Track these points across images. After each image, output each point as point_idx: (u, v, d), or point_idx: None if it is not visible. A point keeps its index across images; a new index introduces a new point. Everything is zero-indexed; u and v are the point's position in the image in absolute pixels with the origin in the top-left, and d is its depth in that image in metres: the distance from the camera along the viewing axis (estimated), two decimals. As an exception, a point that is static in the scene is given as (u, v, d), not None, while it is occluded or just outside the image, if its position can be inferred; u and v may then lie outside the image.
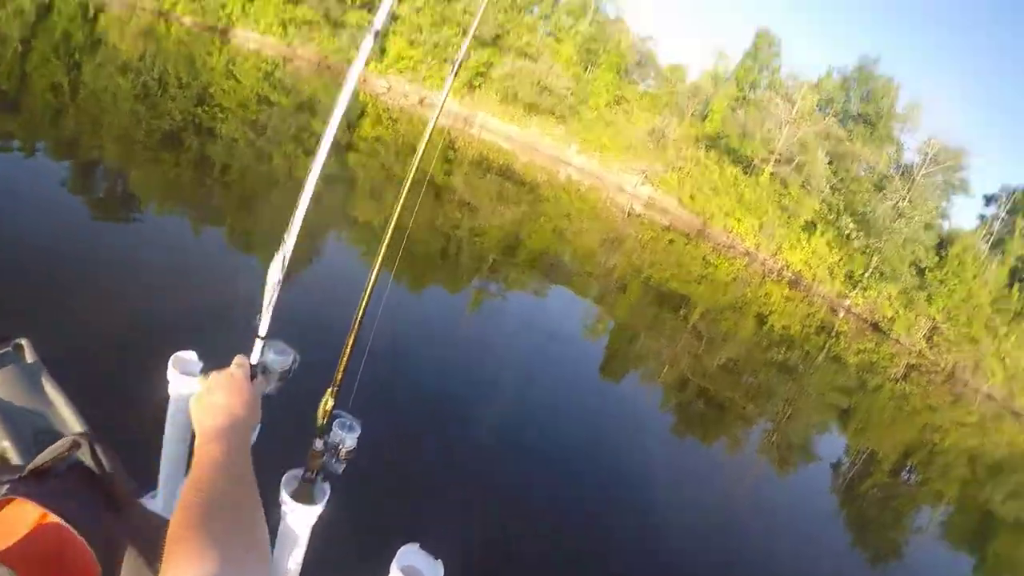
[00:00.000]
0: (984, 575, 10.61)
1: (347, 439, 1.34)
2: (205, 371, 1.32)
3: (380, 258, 1.30)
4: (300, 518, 1.35)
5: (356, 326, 1.29)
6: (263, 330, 1.27)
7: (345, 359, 1.32)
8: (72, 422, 2.89)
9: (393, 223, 1.29)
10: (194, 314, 6.08)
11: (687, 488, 8.01)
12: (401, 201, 1.35)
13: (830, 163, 38.76)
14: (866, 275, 37.04)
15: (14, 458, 1.60)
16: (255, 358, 1.26)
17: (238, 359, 1.22)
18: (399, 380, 6.93)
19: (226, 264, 8.67)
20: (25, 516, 1.07)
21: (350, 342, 1.30)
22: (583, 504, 6.48)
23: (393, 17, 38.39)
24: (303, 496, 1.33)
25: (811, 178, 37.04)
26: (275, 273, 1.24)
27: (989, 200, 46.43)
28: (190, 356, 1.44)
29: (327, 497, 1.36)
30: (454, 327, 10.12)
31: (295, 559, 1.44)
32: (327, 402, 1.32)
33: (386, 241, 1.30)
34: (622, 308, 15.40)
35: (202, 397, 1.14)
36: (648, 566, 5.96)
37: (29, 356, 3.22)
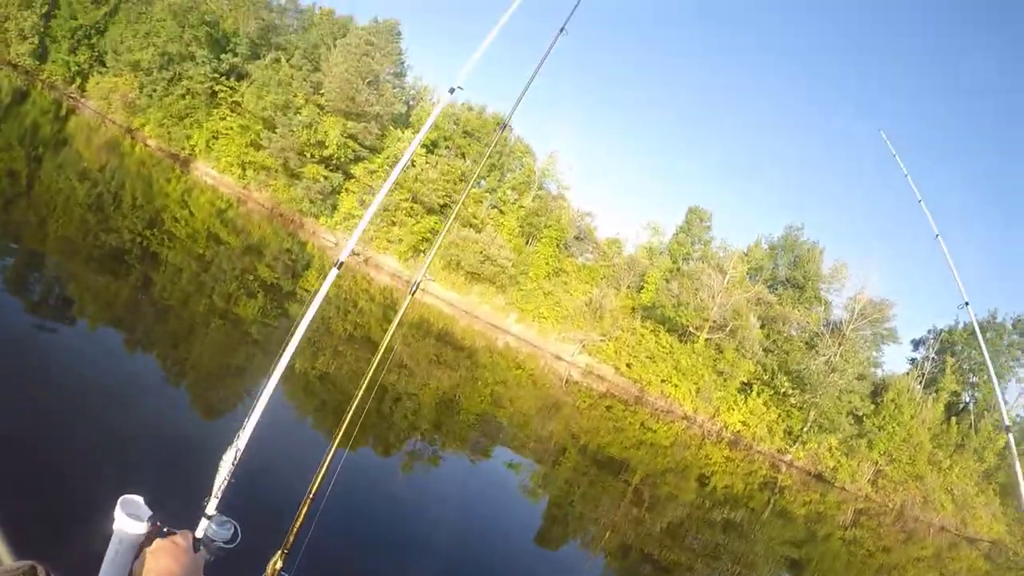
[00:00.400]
0: None
1: None
2: (152, 520, 1.37)
3: (338, 436, 1.44)
4: None
5: (309, 497, 1.39)
6: (211, 509, 1.36)
7: (298, 524, 1.41)
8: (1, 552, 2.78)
9: (354, 405, 1.45)
10: (129, 450, 6.02)
11: None
12: (362, 389, 1.50)
13: (762, 326, 40.30)
14: (805, 429, 37.73)
15: None
16: (200, 532, 1.34)
17: (183, 533, 1.32)
18: (335, 544, 6.75)
19: (163, 400, 8.57)
20: None
21: (303, 511, 1.40)
22: None
23: (348, 175, 40.13)
24: None
25: (745, 342, 38.25)
26: (227, 464, 1.33)
27: (917, 344, 49.17)
28: (137, 500, 1.46)
29: None
30: (389, 489, 9.92)
31: None
32: (276, 562, 1.39)
33: (344, 423, 1.45)
34: (561, 474, 15.25)
35: (147, 559, 1.22)
36: None
37: None
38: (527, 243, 44.63)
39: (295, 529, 1.45)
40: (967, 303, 4.77)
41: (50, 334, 8.56)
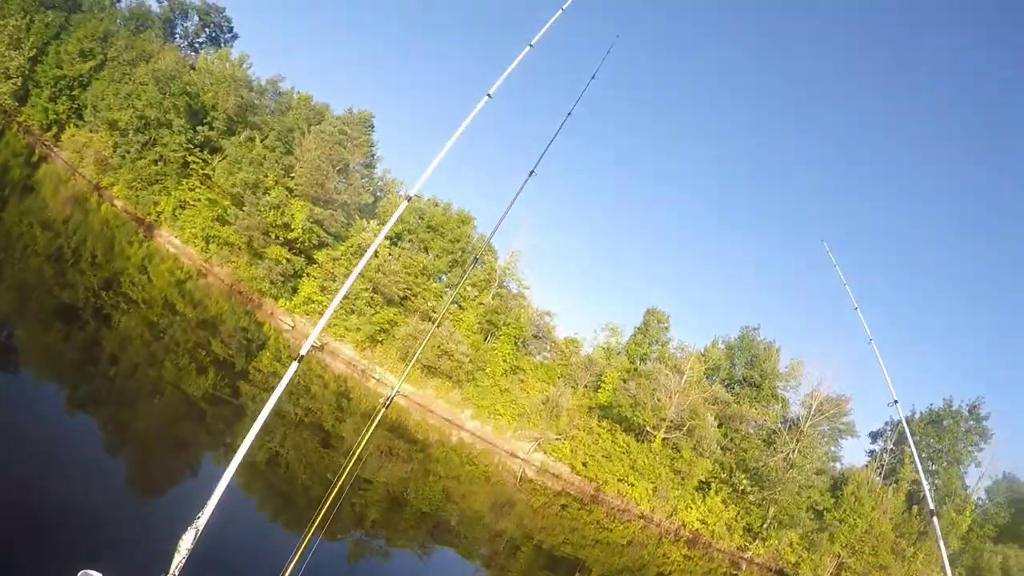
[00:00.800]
0: None
1: None
2: None
3: (313, 525, 1.49)
4: None
5: None
6: None
7: None
8: None
9: (321, 514, 1.48)
10: (75, 522, 5.76)
11: None
12: (338, 484, 1.55)
13: (719, 425, 40.23)
14: (765, 525, 37.15)
15: None
16: None
17: None
18: None
19: (110, 470, 8.29)
20: None
21: None
22: None
23: (310, 260, 39.94)
24: None
25: (702, 441, 38.00)
26: (186, 544, 1.39)
27: (876, 436, 49.56)
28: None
29: None
30: None
31: None
32: None
33: (321, 512, 1.46)
34: (513, 573, 14.72)
35: None
36: None
37: None
38: (485, 339, 44.28)
39: None
40: (896, 401, 5.11)
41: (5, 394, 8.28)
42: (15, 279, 12.65)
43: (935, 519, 4.49)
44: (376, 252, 40.08)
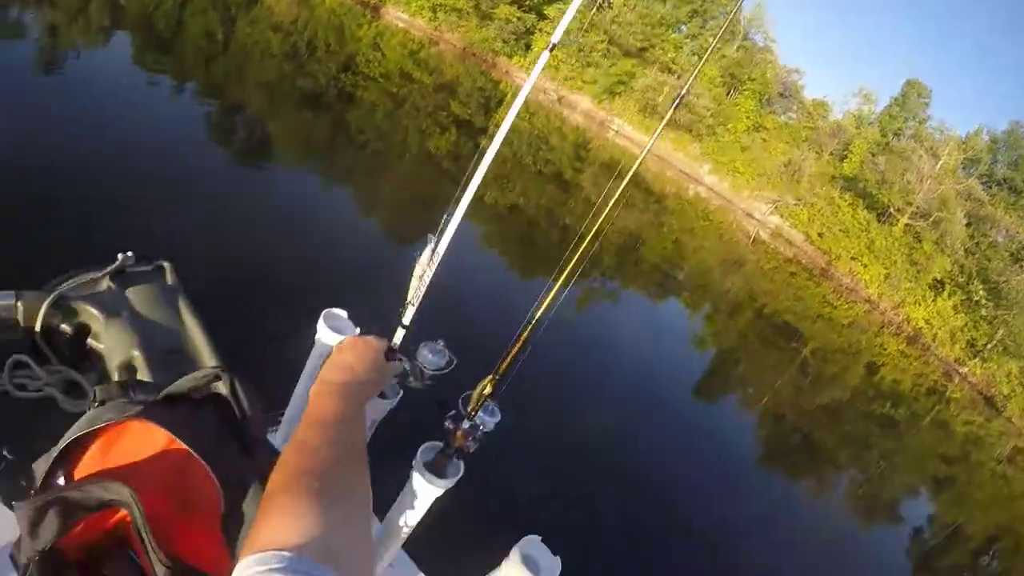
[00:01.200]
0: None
1: (488, 422, 1.34)
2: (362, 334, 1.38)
3: (572, 265, 1.34)
4: (428, 490, 1.34)
5: (531, 324, 1.32)
6: (406, 319, 1.31)
7: (514, 352, 1.32)
8: (203, 348, 3.01)
9: (586, 241, 1.39)
10: (331, 273, 6.40)
11: (766, 516, 8.08)
12: (592, 231, 1.41)
13: (968, 224, 36.82)
14: (988, 346, 35.05)
15: (141, 370, 1.60)
16: (396, 341, 1.33)
17: (378, 338, 1.25)
18: (531, 376, 7.26)
19: (360, 228, 9.15)
20: (152, 439, 1.07)
21: (523, 336, 1.32)
22: (679, 514, 6.77)
23: (541, 16, 39.07)
24: (437, 469, 1.33)
25: (946, 236, 35.25)
26: (423, 266, 1.26)
27: None
28: (341, 314, 1.46)
29: (459, 475, 1.36)
30: (565, 321, 10.41)
31: (408, 525, 1.44)
32: (485, 387, 1.32)
33: (573, 260, 1.36)
34: (733, 329, 15.36)
35: (336, 351, 1.16)
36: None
37: (170, 278, 3.40)
38: (727, 95, 42.04)
39: (510, 356, 1.32)
40: None
41: (256, 172, 9.10)
42: (258, 80, 13.04)
43: None
44: (610, 3, 37.87)
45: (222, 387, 1.17)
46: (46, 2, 9.73)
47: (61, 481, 1.05)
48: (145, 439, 1.08)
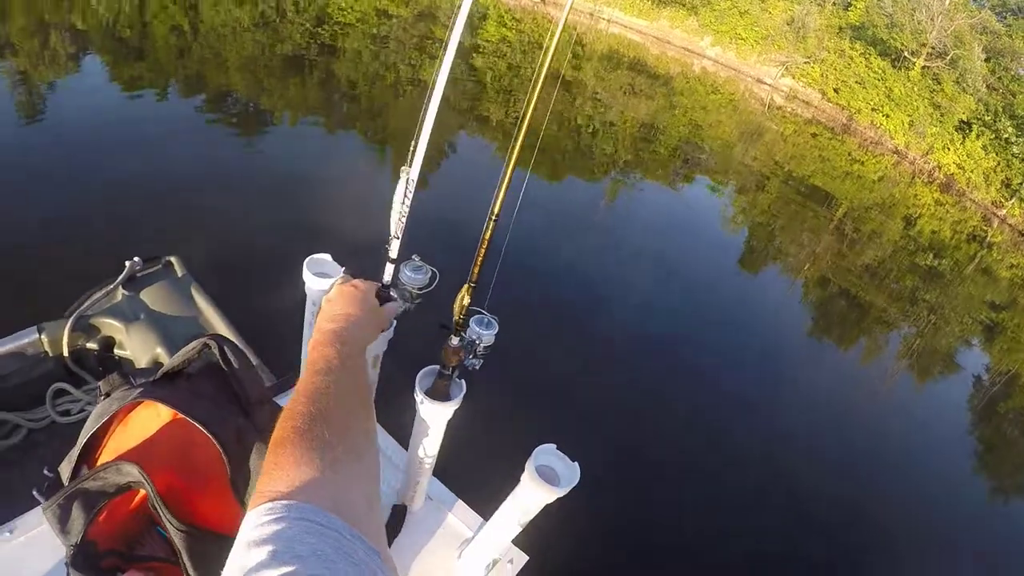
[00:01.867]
0: None
1: (484, 335, 1.29)
2: (346, 274, 1.32)
3: (515, 153, 1.23)
4: (435, 414, 1.35)
5: (491, 222, 1.23)
6: (393, 253, 1.27)
7: (481, 256, 1.26)
8: (220, 326, 3.14)
9: (526, 122, 1.24)
10: (328, 222, 6.26)
11: (820, 389, 7.90)
12: (534, 101, 1.30)
13: (987, 60, 35.46)
14: (1026, 183, 34.24)
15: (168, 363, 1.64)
16: (387, 278, 1.28)
17: (367, 281, 1.21)
18: (534, 277, 7.05)
19: (365, 174, 8.95)
20: (156, 417, 1.12)
21: (486, 237, 1.24)
22: (717, 405, 6.51)
23: None
24: (439, 393, 1.33)
25: (966, 75, 34.03)
26: (399, 197, 1.22)
27: None
28: (324, 258, 1.42)
29: (463, 393, 1.35)
30: (589, 221, 10.19)
31: (430, 454, 1.46)
32: (463, 298, 1.27)
33: (520, 139, 1.23)
34: (763, 202, 14.88)
35: (326, 302, 1.11)
36: (777, 462, 5.97)
37: (179, 270, 3.40)
38: (715, -44, 40.05)
39: (479, 260, 1.25)
40: None
41: (259, 144, 8.89)
42: (237, 59, 12.55)
43: None
44: None
45: (214, 355, 1.23)
46: (7, 51, 9.35)
47: (87, 479, 1.11)
48: (151, 418, 1.13)
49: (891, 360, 10.27)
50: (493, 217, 1.21)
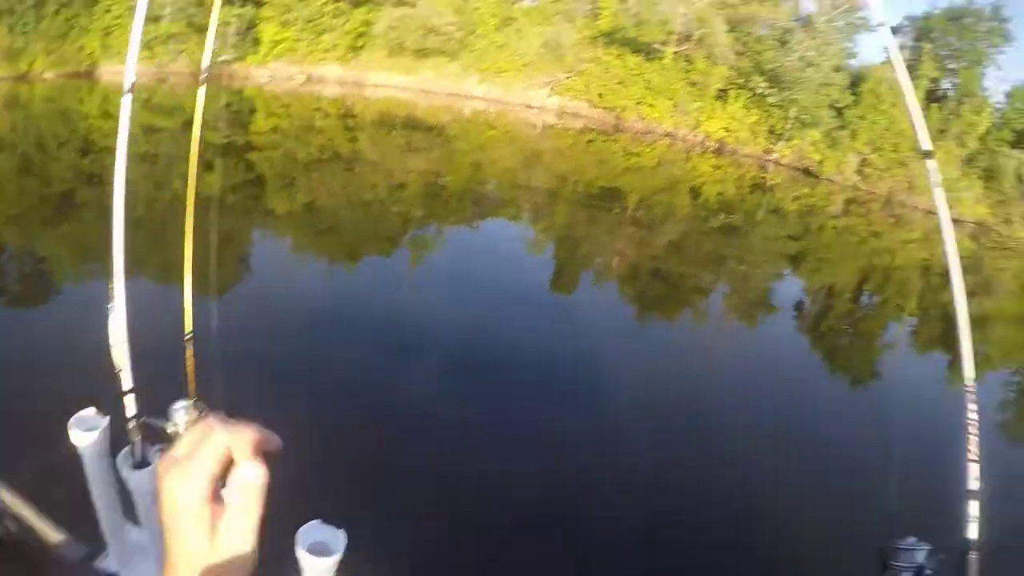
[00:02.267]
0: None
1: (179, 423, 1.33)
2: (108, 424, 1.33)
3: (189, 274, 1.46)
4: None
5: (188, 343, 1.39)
6: (127, 384, 1.31)
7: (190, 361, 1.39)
8: None
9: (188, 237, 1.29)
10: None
11: (659, 372, 7.95)
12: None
13: (731, 30, 38.74)
14: (787, 126, 37.65)
15: None
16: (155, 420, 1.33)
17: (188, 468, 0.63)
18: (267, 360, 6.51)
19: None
20: None
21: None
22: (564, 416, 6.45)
23: (258, 3, 36.67)
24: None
25: (715, 48, 37.01)
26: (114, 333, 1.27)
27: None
28: (88, 413, 1.40)
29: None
30: (392, 287, 9.89)
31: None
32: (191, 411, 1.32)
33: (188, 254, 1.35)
34: (558, 218, 15.33)
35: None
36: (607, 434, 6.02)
37: None
38: (466, 1, 41.52)
39: (190, 367, 1.42)
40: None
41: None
42: (3, 217, 11.39)
43: (929, 161, 4.06)
44: None
45: None
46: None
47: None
48: None
49: (719, 317, 10.81)
50: (185, 338, 1.33)
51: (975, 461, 1.97)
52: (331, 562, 1.24)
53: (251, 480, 0.62)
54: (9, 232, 10.41)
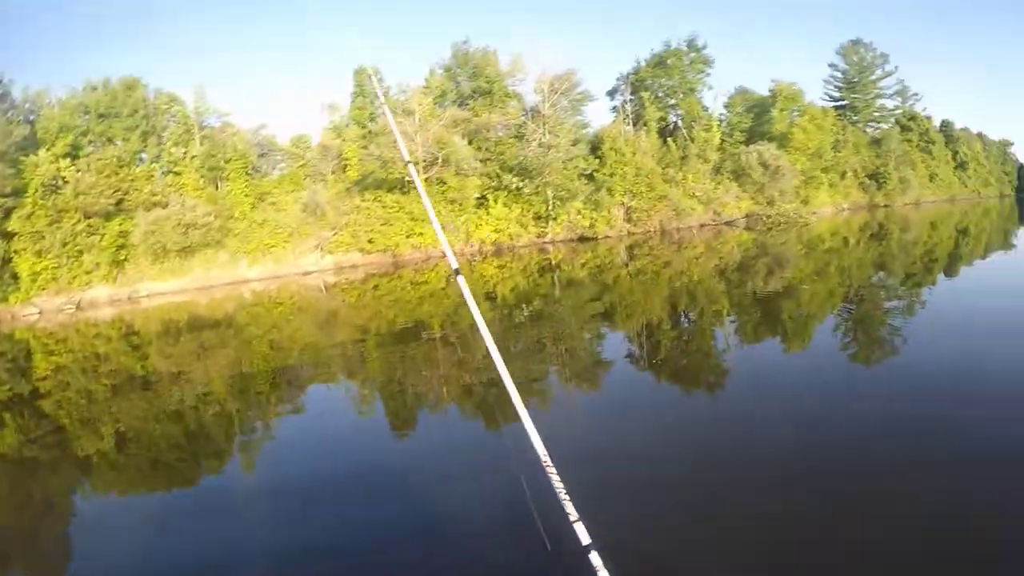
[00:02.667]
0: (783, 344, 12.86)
1: None
2: None
3: None
4: None
5: None
6: None
7: None
8: None
9: None
10: None
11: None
12: None
13: (470, 142, 41.53)
14: (549, 208, 40.75)
15: None
16: None
17: None
18: None
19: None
20: None
21: None
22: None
23: (6, 236, 34.18)
24: None
25: (461, 163, 39.39)
26: None
27: (613, 93, 54.48)
28: None
29: None
30: (229, 505, 9.25)
31: None
32: None
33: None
34: (372, 373, 15.16)
35: None
36: None
37: None
38: (217, 188, 41.41)
39: None
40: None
41: None
42: None
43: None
44: (64, 179, 34.78)
45: None
46: None
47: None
48: None
49: (552, 400, 10.94)
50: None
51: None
52: None
53: None
54: None
